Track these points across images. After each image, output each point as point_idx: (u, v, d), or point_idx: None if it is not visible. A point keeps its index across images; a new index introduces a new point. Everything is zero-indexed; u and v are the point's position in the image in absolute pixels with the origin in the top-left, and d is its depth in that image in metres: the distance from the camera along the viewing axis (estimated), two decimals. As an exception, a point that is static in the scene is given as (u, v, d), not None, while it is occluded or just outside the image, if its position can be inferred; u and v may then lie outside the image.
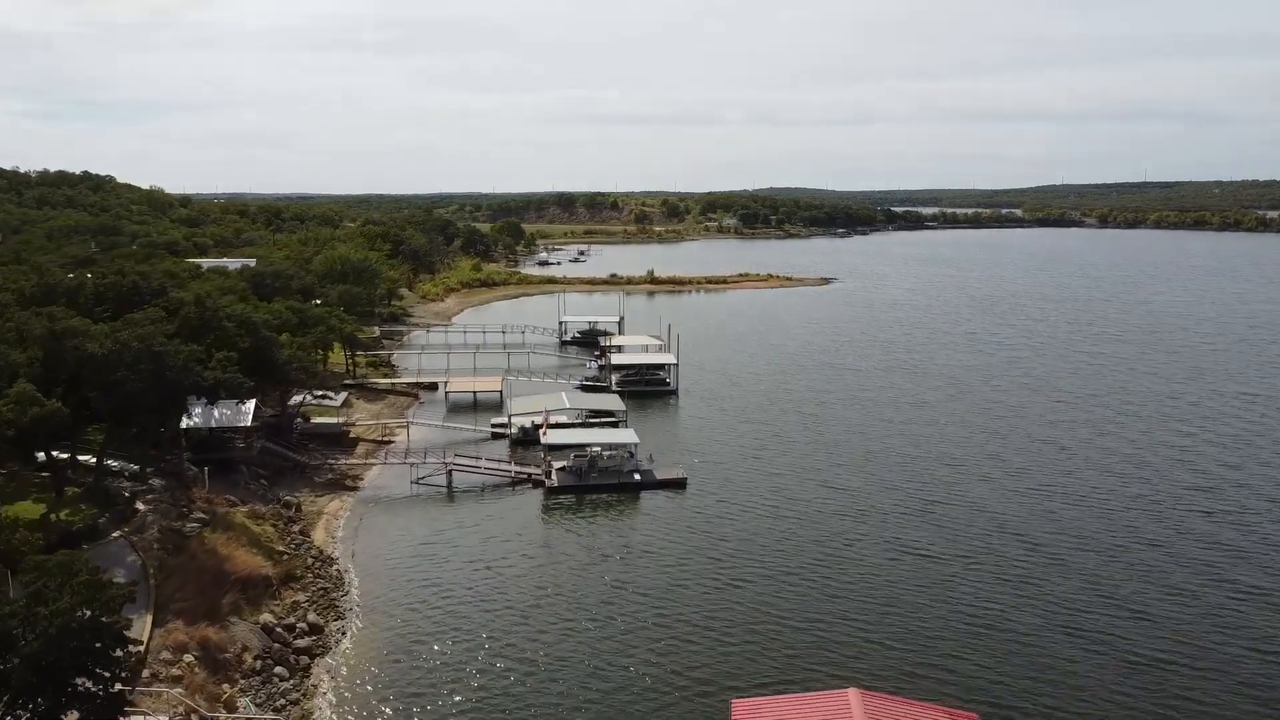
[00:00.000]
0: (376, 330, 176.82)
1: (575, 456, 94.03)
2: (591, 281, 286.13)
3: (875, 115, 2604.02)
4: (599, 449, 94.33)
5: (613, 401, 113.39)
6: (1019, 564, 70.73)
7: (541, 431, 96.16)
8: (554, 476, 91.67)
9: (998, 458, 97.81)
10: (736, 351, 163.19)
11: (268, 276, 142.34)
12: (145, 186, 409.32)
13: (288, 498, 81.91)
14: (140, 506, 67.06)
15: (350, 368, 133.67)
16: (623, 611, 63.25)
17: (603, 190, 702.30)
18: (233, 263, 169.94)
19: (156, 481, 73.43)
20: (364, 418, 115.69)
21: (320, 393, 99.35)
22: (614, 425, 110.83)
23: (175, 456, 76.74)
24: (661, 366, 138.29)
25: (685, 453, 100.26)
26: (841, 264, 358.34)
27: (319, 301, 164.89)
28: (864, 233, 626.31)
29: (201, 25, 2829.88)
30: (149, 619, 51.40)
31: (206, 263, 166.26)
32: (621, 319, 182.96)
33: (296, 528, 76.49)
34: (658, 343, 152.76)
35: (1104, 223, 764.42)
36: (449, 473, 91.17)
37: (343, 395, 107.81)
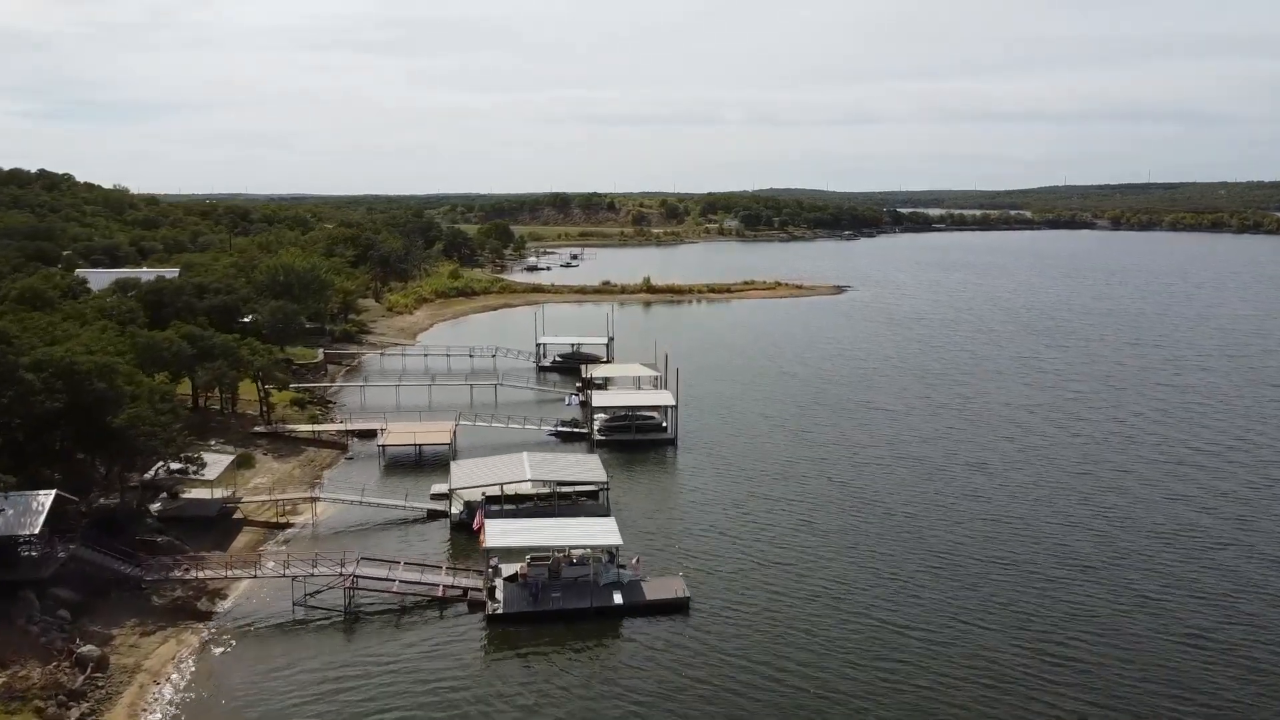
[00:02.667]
0: (320, 353, 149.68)
1: (531, 562, 66.76)
2: (582, 290, 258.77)
3: (875, 115, 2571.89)
4: (565, 551, 67.08)
5: (590, 467, 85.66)
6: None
7: (476, 526, 68.58)
8: (499, 593, 64.41)
9: (1126, 559, 70.09)
10: (744, 383, 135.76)
11: (167, 294, 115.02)
12: (109, 186, 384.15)
13: (87, 647, 54.36)
14: None
15: (264, 410, 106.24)
16: None
17: (600, 190, 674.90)
18: (148, 273, 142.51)
19: None
20: (266, 483, 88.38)
21: (178, 465, 71.90)
22: (592, 497, 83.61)
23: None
24: (657, 408, 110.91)
25: (685, 552, 72.70)
26: (852, 269, 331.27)
27: (248, 319, 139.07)
28: (870, 234, 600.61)
29: (202, 25, 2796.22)
30: None
31: (110, 274, 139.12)
32: (611, 340, 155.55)
33: (80, 709, 49.14)
34: (652, 374, 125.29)
35: (1117, 224, 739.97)
36: (350, 588, 63.87)
37: (224, 459, 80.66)
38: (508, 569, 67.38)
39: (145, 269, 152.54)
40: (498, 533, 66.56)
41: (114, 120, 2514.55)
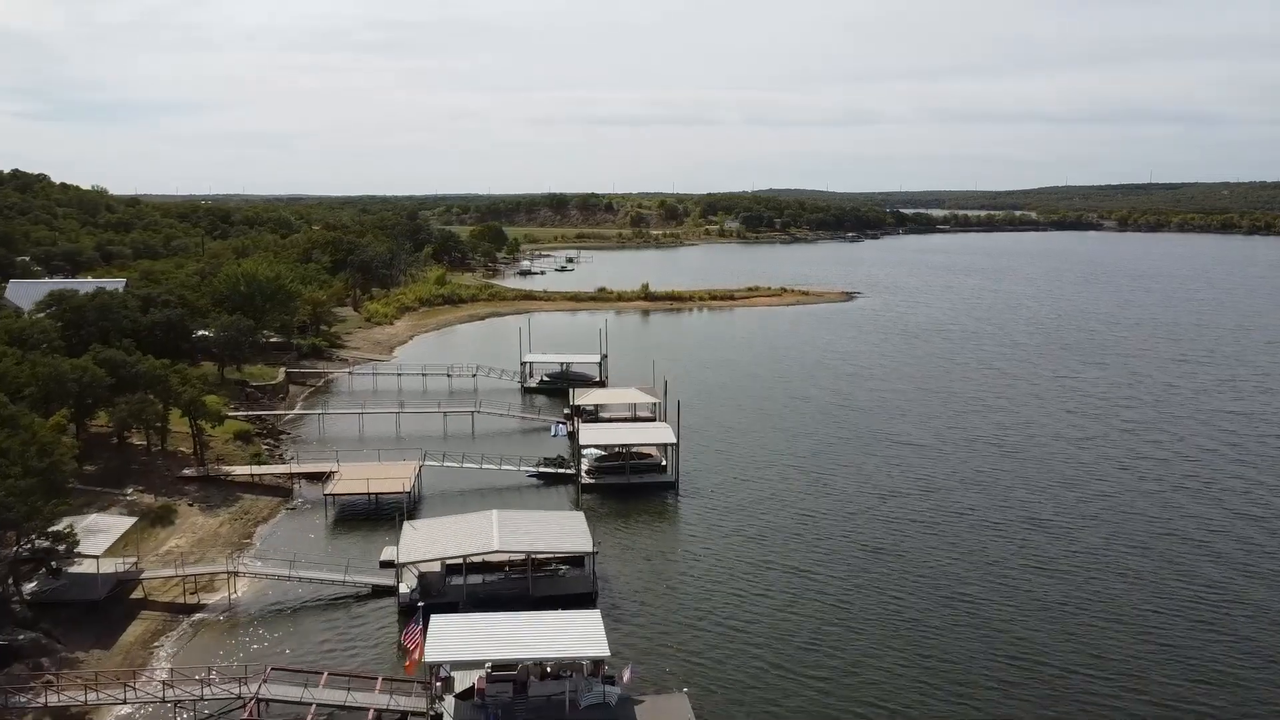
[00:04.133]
0: (282, 373, 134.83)
1: (491, 673, 51.99)
2: (575, 298, 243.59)
3: (875, 115, 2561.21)
4: (535, 662, 52.19)
5: (573, 530, 70.28)
6: None
7: (412, 639, 53.14)
8: (449, 718, 49.65)
9: (1240, 680, 55.44)
10: (752, 410, 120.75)
11: (91, 311, 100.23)
12: (104, 188, 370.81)
13: None
14: None
15: (197, 449, 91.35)
16: None
17: (599, 191, 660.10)
18: (87, 284, 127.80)
19: None
20: (184, 545, 73.58)
21: (45, 542, 57.02)
22: (576, 564, 68.77)
23: None
24: (655, 445, 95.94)
25: (689, 654, 57.60)
26: (860, 274, 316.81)
27: (204, 334, 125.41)
28: (874, 236, 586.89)
29: (200, 26, 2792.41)
30: None
31: (44, 284, 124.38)
32: (604, 358, 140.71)
33: None
34: (650, 402, 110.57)
35: (1123, 225, 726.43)
36: (254, 714, 49.06)
37: (125, 522, 65.99)
38: (462, 678, 52.78)
39: (87, 279, 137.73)
40: (442, 639, 51.41)
41: (113, 120, 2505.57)
